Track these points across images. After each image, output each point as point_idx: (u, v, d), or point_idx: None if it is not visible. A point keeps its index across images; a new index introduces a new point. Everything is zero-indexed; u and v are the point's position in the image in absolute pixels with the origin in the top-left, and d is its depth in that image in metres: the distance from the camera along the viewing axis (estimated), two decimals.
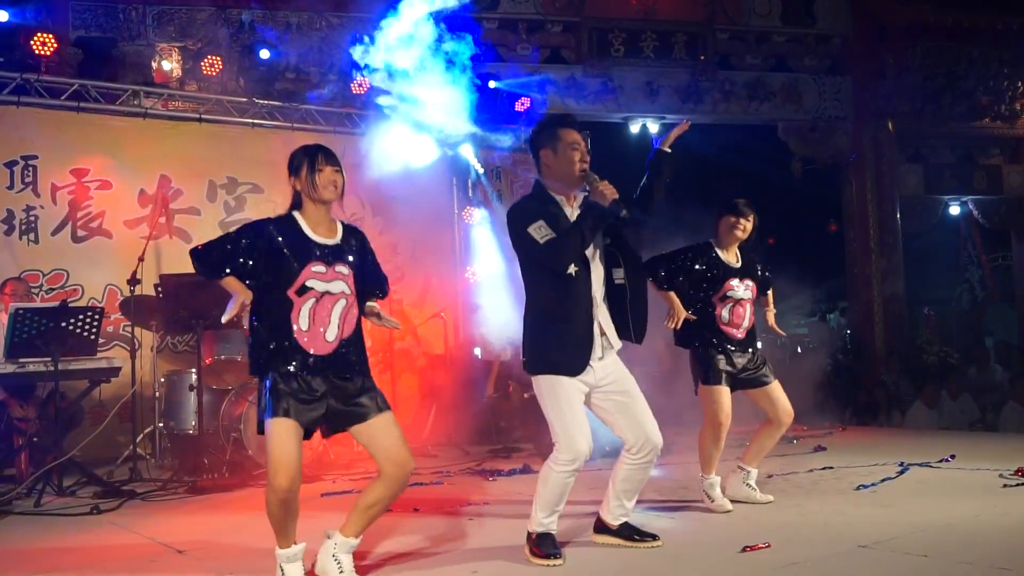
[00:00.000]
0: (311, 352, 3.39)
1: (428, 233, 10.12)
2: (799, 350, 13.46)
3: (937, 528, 4.09)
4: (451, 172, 10.43)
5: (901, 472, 5.73)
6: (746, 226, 4.92)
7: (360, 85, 9.74)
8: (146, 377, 7.33)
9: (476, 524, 4.65)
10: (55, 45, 8.26)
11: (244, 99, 9.19)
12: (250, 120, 9.13)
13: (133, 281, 6.69)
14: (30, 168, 8.04)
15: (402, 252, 9.89)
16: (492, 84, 10.49)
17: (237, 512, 5.28)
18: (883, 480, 5.44)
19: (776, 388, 4.93)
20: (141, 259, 6.83)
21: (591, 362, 3.80)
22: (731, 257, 4.95)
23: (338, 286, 3.48)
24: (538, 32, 11.53)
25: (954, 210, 13.72)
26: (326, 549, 3.50)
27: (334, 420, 3.47)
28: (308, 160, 3.52)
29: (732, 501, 4.81)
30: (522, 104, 10.30)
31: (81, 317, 6.00)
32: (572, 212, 3.88)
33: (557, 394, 3.77)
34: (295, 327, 3.39)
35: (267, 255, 3.42)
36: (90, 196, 8.27)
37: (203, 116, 8.94)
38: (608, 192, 3.74)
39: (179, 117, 8.94)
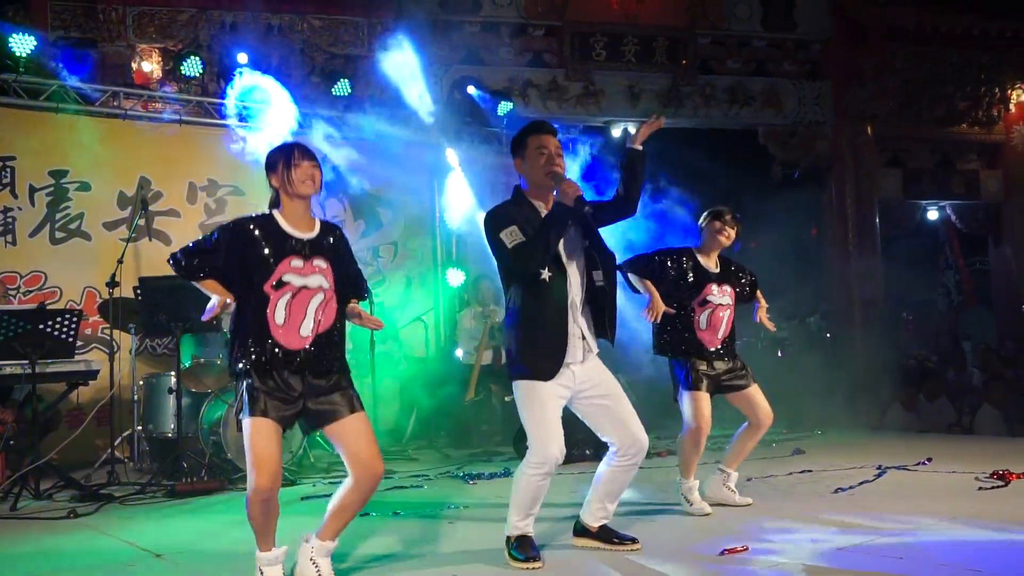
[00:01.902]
0: (287, 347, 3.37)
1: (409, 236, 10.13)
2: (779, 353, 13.53)
3: (913, 531, 4.13)
4: (432, 175, 10.43)
5: (879, 475, 5.77)
6: (731, 234, 4.97)
7: (341, 88, 9.75)
8: (124, 380, 7.28)
9: (456, 528, 4.65)
10: (34, 44, 8.19)
11: (225, 101, 9.15)
12: (230, 123, 9.09)
13: (112, 283, 6.64)
14: (8, 169, 7.99)
15: (384, 255, 9.90)
16: (471, 89, 10.51)
17: (216, 516, 5.26)
18: (861, 483, 5.48)
19: (755, 391, 4.96)
20: (120, 261, 6.78)
21: (572, 366, 3.82)
22: (711, 263, 4.99)
23: (316, 280, 3.46)
24: (520, 36, 11.56)
25: (932, 215, 13.85)
26: (303, 553, 3.49)
27: (309, 418, 3.45)
28: (284, 157, 3.51)
29: (711, 503, 4.84)
30: (503, 107, 10.32)
31: (59, 319, 5.95)
32: None
33: (532, 399, 3.78)
34: (272, 322, 3.37)
35: (244, 254, 3.40)
36: (69, 197, 8.23)
37: (184, 118, 8.90)
38: (571, 191, 3.76)
39: (159, 119, 8.89)
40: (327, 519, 3.50)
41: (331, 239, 3.60)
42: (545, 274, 3.80)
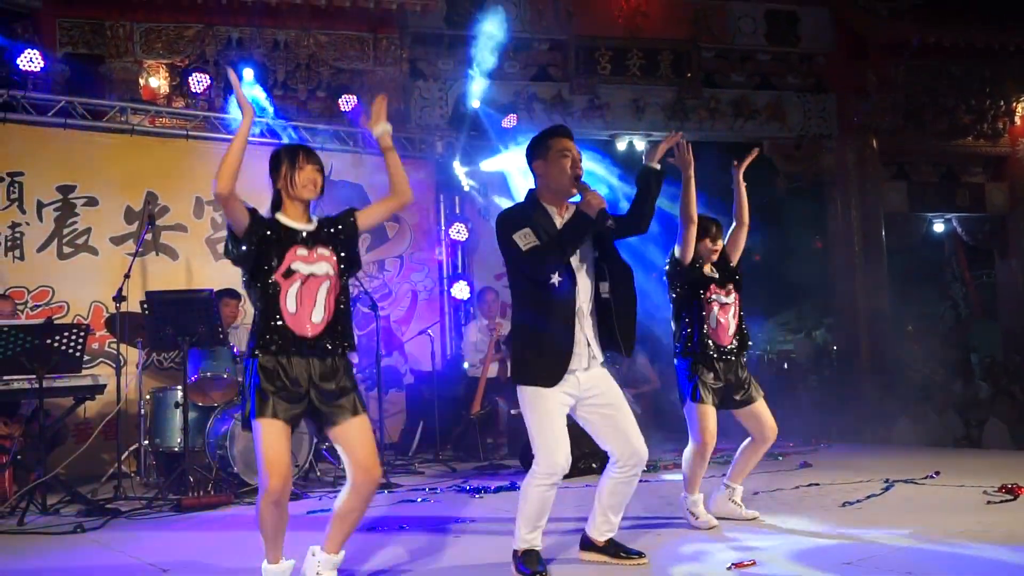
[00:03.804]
0: (299, 335, 3.44)
1: (415, 249, 10.16)
2: (785, 366, 13.52)
3: (922, 545, 4.11)
4: (438, 189, 10.48)
5: (886, 489, 5.75)
6: (720, 246, 4.99)
7: (347, 102, 9.80)
8: (131, 394, 7.29)
9: (462, 541, 4.64)
10: (42, 62, 8.25)
11: (231, 116, 9.20)
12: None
13: (119, 298, 6.66)
14: (16, 184, 8.02)
15: (390, 268, 9.93)
16: (475, 103, 10.55)
17: (222, 530, 5.26)
18: (868, 497, 5.46)
19: (761, 406, 4.95)
20: (127, 276, 6.81)
21: (576, 373, 3.81)
22: (707, 268, 4.99)
23: (322, 267, 3.54)
24: (525, 50, 11.60)
25: (938, 227, 13.83)
26: (310, 566, 3.51)
27: (316, 418, 3.51)
28: (289, 159, 3.58)
29: (717, 518, 4.82)
30: (509, 121, 10.35)
31: (66, 334, 5.96)
32: (561, 223, 3.90)
33: (537, 406, 3.77)
34: (284, 310, 3.44)
35: (258, 241, 3.48)
36: (76, 212, 8.26)
37: (190, 133, 8.95)
38: (595, 202, 3.75)
39: (166, 134, 8.95)
40: (330, 529, 3.54)
41: (330, 228, 3.66)
42: (555, 278, 3.79)
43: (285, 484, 3.39)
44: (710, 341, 4.85)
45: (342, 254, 3.62)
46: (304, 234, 3.56)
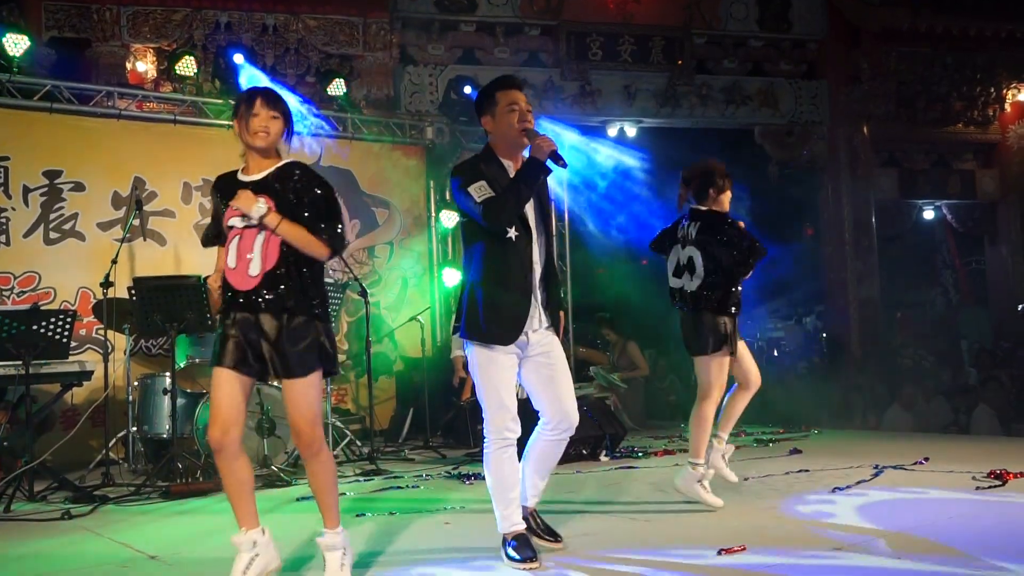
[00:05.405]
0: (238, 288, 3.37)
1: (405, 235, 10.13)
2: (775, 353, 13.54)
3: (911, 530, 4.11)
4: (427, 174, 10.43)
5: (876, 474, 5.76)
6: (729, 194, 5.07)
7: (337, 87, 9.74)
8: (119, 381, 7.26)
9: (452, 527, 4.63)
10: (28, 45, 8.16)
11: (219, 101, 9.14)
12: (226, 122, 9.07)
13: (106, 284, 6.62)
14: (1, 169, 7.96)
15: (379, 255, 9.89)
16: (467, 89, 10.49)
17: (211, 517, 5.23)
18: (858, 482, 5.47)
19: (747, 351, 5.01)
20: (114, 261, 6.76)
21: (527, 333, 3.78)
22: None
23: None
24: (516, 35, 11.55)
25: (928, 214, 13.87)
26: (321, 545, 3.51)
27: (275, 366, 3.38)
28: (245, 103, 3.41)
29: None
30: None
31: (53, 320, 5.92)
32: None
33: (488, 366, 3.74)
34: (226, 266, 3.41)
35: (217, 206, 3.53)
36: (63, 198, 8.20)
37: (178, 118, 8.88)
38: (546, 145, 3.70)
39: (154, 119, 8.87)
40: (319, 507, 3.51)
41: (282, 179, 3.42)
42: (512, 232, 3.74)
43: (223, 434, 3.30)
44: (740, 301, 4.90)
45: (286, 208, 3.36)
46: (246, 185, 3.41)
